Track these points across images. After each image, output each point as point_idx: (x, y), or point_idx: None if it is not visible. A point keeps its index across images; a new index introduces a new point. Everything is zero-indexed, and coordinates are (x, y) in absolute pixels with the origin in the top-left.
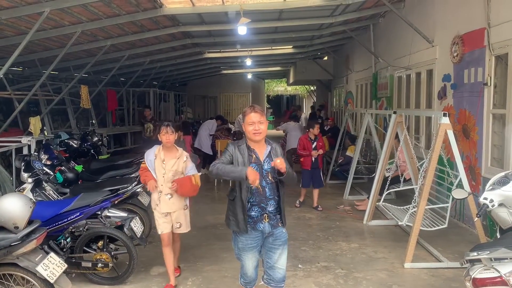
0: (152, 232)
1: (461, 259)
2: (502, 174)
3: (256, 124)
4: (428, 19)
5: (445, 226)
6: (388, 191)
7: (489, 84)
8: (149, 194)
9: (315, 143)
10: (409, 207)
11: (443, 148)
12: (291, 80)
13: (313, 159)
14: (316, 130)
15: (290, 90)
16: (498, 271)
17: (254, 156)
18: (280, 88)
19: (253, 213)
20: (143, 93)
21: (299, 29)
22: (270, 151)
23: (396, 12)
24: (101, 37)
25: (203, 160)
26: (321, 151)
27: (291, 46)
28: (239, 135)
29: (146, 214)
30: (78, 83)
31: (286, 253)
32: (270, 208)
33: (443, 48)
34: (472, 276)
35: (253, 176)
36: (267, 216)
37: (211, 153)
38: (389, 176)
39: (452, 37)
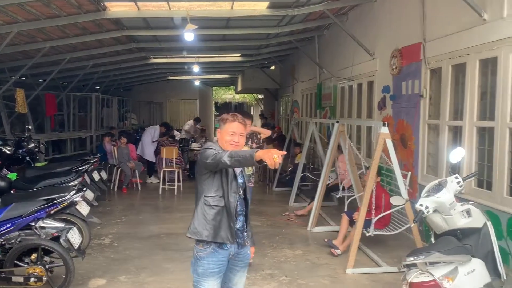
0: (90, 243)
1: (399, 264)
2: (436, 181)
3: (236, 135)
4: (370, 32)
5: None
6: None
7: (424, 96)
8: (89, 204)
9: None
10: None
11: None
12: (239, 88)
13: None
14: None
15: (238, 98)
16: (432, 275)
17: None
18: (228, 95)
19: None
20: (85, 98)
21: (246, 37)
22: None
23: (339, 24)
24: (39, 38)
25: (148, 167)
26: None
27: (239, 55)
28: (185, 142)
29: (85, 225)
30: (13, 86)
31: (245, 275)
32: (238, 224)
33: (383, 61)
34: (409, 281)
35: (266, 156)
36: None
37: (154, 160)
38: (329, 183)
39: (392, 50)
